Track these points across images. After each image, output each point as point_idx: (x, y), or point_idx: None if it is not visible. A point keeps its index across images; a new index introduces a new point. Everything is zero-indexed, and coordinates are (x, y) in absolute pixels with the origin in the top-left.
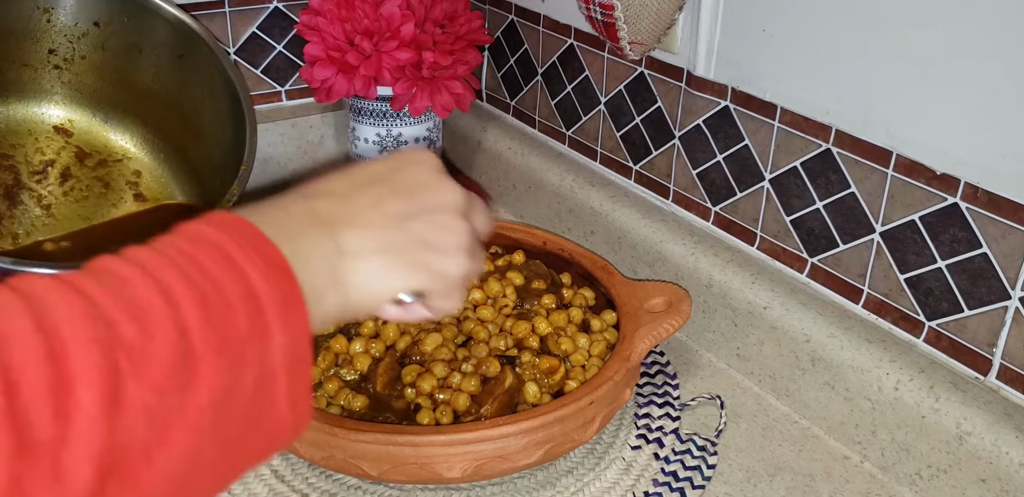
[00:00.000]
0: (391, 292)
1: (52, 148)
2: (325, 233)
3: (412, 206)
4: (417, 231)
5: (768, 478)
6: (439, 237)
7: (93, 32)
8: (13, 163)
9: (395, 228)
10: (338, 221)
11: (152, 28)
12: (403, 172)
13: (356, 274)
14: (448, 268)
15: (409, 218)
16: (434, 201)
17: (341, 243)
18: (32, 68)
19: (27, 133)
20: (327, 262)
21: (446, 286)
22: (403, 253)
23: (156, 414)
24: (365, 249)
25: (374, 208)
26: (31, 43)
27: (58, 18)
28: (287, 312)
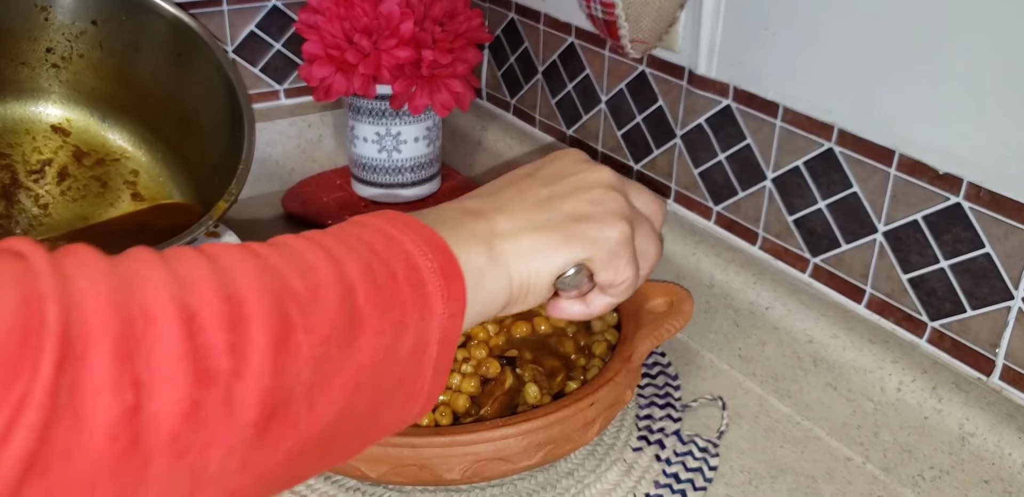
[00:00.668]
0: (552, 268)
1: (49, 147)
2: (477, 219)
3: (558, 189)
4: (566, 209)
5: (770, 479)
6: (591, 208)
7: (91, 31)
8: (10, 162)
9: (544, 209)
10: (488, 211)
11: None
12: (547, 166)
13: (512, 254)
14: (605, 234)
15: (556, 199)
16: (581, 182)
17: (495, 226)
18: (29, 67)
19: (24, 132)
20: (483, 243)
21: (606, 254)
22: (555, 228)
23: (321, 364)
24: (516, 228)
25: (521, 197)
26: (28, 41)
27: (56, 16)
28: (448, 286)
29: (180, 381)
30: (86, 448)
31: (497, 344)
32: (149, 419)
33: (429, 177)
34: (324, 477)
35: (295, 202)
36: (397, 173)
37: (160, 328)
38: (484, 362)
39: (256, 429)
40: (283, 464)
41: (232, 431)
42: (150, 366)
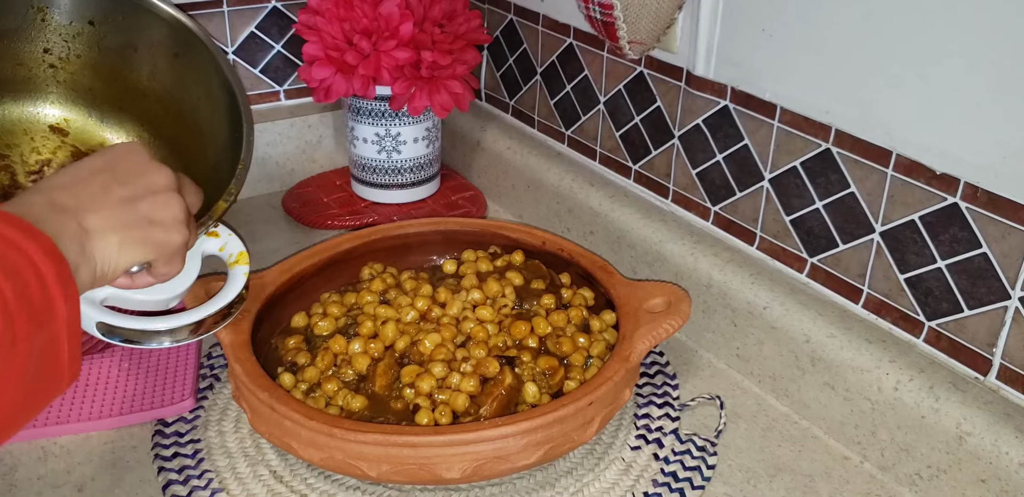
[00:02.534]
0: (126, 264)
1: (48, 147)
2: (70, 217)
3: (135, 189)
4: (143, 210)
5: (768, 478)
6: (162, 213)
7: (88, 31)
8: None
9: (125, 209)
10: (77, 208)
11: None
12: (119, 162)
13: (100, 250)
14: (171, 239)
15: (136, 200)
16: (151, 183)
17: (84, 223)
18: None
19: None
20: (77, 242)
21: (168, 256)
22: (135, 229)
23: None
24: (104, 227)
25: (105, 195)
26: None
27: (52, 17)
28: (65, 288)
29: None
30: None
31: (496, 344)
32: None
33: (429, 178)
34: (325, 476)
35: (295, 202)
36: (397, 174)
37: None
38: (483, 362)
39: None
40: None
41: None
42: None
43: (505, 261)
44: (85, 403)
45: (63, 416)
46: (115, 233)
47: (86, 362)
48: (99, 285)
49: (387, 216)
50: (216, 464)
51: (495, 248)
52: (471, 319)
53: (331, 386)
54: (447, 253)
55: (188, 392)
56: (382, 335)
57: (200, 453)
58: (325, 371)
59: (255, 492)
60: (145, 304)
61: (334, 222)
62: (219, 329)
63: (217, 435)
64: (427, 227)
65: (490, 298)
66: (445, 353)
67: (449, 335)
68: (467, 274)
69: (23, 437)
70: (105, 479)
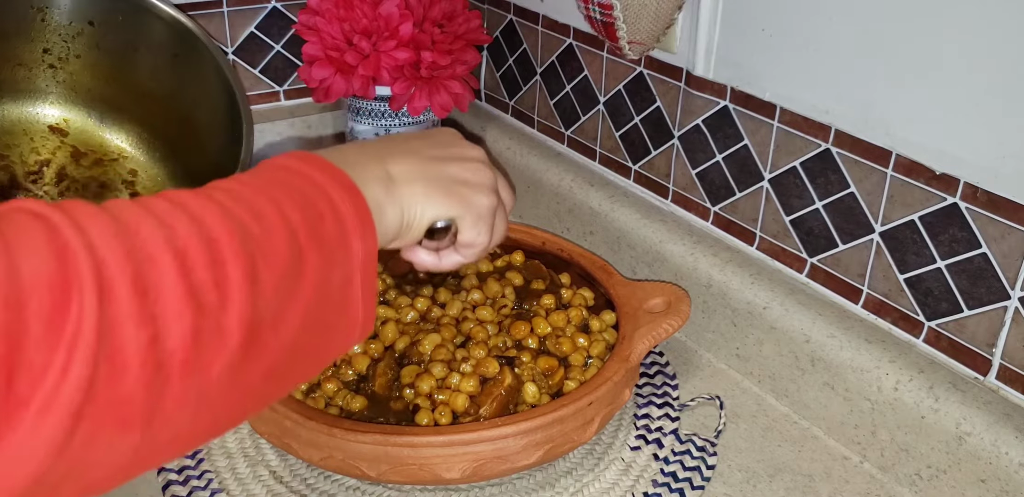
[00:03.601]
0: (432, 215)
1: (47, 148)
2: (376, 163)
3: (445, 153)
4: (452, 171)
5: (767, 478)
6: (471, 176)
7: (88, 31)
8: (8, 163)
9: (433, 166)
10: (386, 155)
11: (147, 27)
12: (434, 135)
13: (406, 195)
14: (478, 200)
15: (443, 160)
16: (464, 153)
17: (391, 170)
18: (26, 67)
19: (22, 133)
20: (382, 184)
21: (475, 216)
22: (442, 183)
23: (281, 294)
24: (410, 176)
25: (415, 152)
26: (25, 42)
27: (52, 17)
28: (362, 224)
29: (186, 315)
30: (124, 372)
31: (496, 344)
32: (166, 347)
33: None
34: (325, 476)
35: None
36: None
37: (163, 270)
38: (483, 361)
39: (240, 350)
40: (261, 380)
41: (224, 353)
42: (159, 302)
43: (505, 261)
44: None
45: None
46: (421, 183)
47: None
48: (406, 236)
49: None
50: (216, 464)
51: (495, 248)
52: (471, 319)
53: (331, 386)
54: None
55: None
56: (382, 335)
57: (200, 453)
58: (325, 371)
59: (255, 492)
60: None
61: None
62: None
63: None
64: None
65: (490, 298)
66: (445, 353)
67: (449, 335)
68: (467, 274)
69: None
70: None
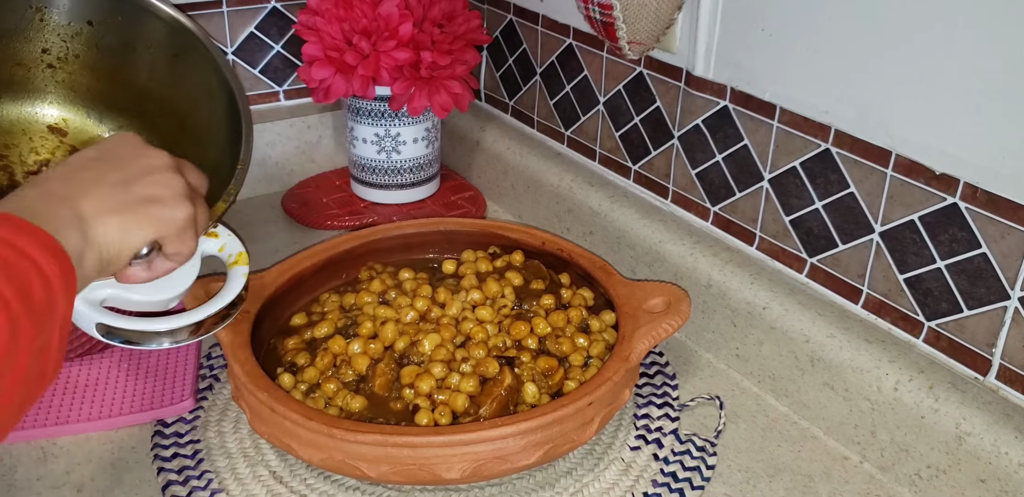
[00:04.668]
0: (132, 247)
1: (47, 148)
2: (64, 205)
3: (129, 173)
4: (140, 191)
5: (767, 479)
6: (159, 191)
7: (87, 31)
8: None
9: (121, 191)
10: (72, 193)
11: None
12: (111, 151)
13: (100, 236)
14: (175, 214)
15: (129, 182)
16: (146, 165)
17: (80, 209)
18: (25, 67)
19: (21, 133)
20: (76, 229)
21: (177, 231)
22: (134, 210)
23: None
24: (101, 211)
25: (98, 181)
26: (24, 42)
27: (51, 17)
28: (66, 283)
29: None
30: None
31: (496, 344)
32: None
33: (428, 178)
34: (324, 477)
35: (294, 203)
36: (396, 174)
37: None
38: (483, 362)
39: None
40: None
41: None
42: None
43: (505, 261)
44: (85, 404)
45: (63, 417)
46: (113, 215)
47: (86, 363)
48: (109, 272)
49: (387, 216)
50: (216, 465)
51: (495, 248)
52: (471, 319)
53: (331, 386)
54: (447, 253)
55: (188, 393)
56: (381, 335)
57: (200, 454)
58: (324, 371)
59: (255, 493)
60: (145, 305)
61: (334, 222)
62: (219, 330)
63: (216, 436)
64: (427, 227)
65: (490, 298)
66: (444, 353)
67: (448, 335)
68: (467, 274)
69: (23, 437)
70: (104, 480)
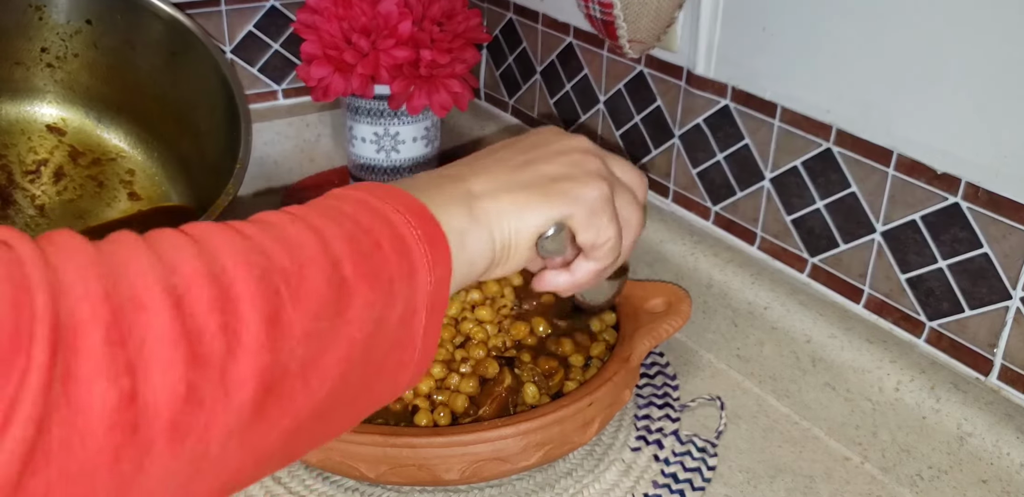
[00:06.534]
0: (533, 227)
1: (45, 147)
2: (454, 183)
3: (536, 154)
4: (544, 170)
5: (768, 479)
6: (569, 170)
7: (86, 30)
8: (6, 162)
9: (522, 172)
10: (466, 174)
11: (145, 26)
12: (526, 138)
13: (493, 213)
14: (584, 192)
15: (534, 162)
16: (560, 147)
17: (472, 188)
18: (24, 66)
19: (20, 132)
20: (462, 204)
21: (587, 211)
22: (534, 187)
23: (313, 339)
24: (494, 189)
25: (499, 162)
26: (23, 41)
27: (50, 16)
28: (432, 252)
29: (176, 365)
30: (85, 437)
31: (496, 344)
32: (147, 405)
33: None
34: (323, 477)
35: (293, 202)
36: (396, 173)
37: (150, 314)
38: (483, 362)
39: (253, 407)
40: (280, 441)
41: (230, 411)
42: (143, 352)
43: None
44: None
45: None
46: (507, 193)
47: None
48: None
49: None
50: None
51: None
52: (470, 319)
53: None
54: None
55: None
56: None
57: None
58: None
59: (253, 494)
60: None
61: None
62: None
63: None
64: None
65: (489, 298)
66: (444, 354)
67: (448, 336)
68: None
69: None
70: None
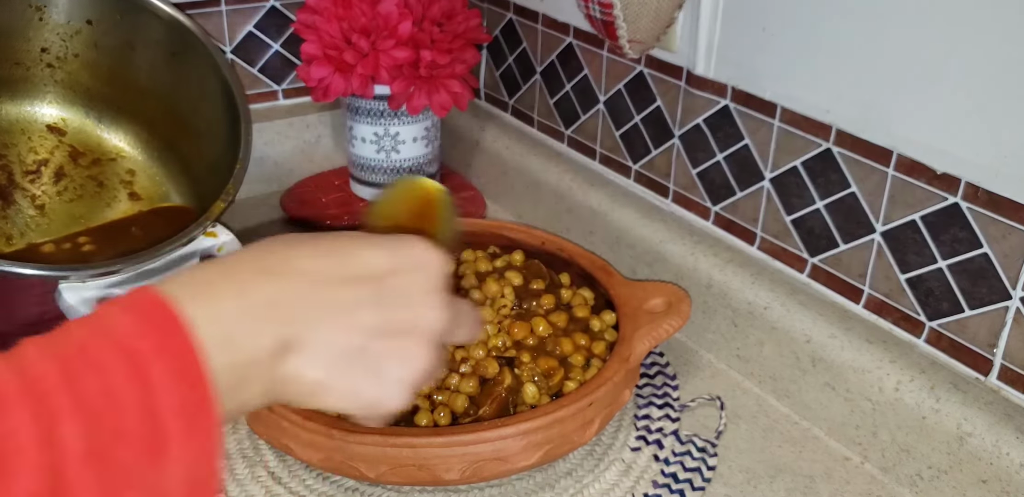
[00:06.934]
0: (319, 407)
1: (45, 147)
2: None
3: (386, 323)
4: (374, 353)
5: (768, 479)
6: (392, 367)
7: (86, 30)
8: (6, 163)
9: (358, 344)
10: (299, 320)
11: (145, 26)
12: (398, 277)
13: (288, 385)
14: (381, 401)
15: (375, 336)
16: (411, 323)
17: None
18: (24, 67)
19: (20, 132)
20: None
21: (370, 414)
22: (347, 376)
23: None
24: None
25: (347, 314)
26: (23, 41)
27: (50, 16)
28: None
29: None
30: None
31: (496, 344)
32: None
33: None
34: (323, 477)
35: (293, 203)
36: (396, 173)
37: None
38: (482, 362)
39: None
40: None
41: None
42: None
43: (504, 261)
44: None
45: None
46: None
47: None
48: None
49: None
50: None
51: (494, 248)
52: None
53: None
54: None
55: None
56: None
57: None
58: None
59: (253, 493)
60: None
61: (333, 222)
62: None
63: None
64: None
65: (489, 298)
66: (444, 353)
67: None
68: (466, 274)
69: None
70: None
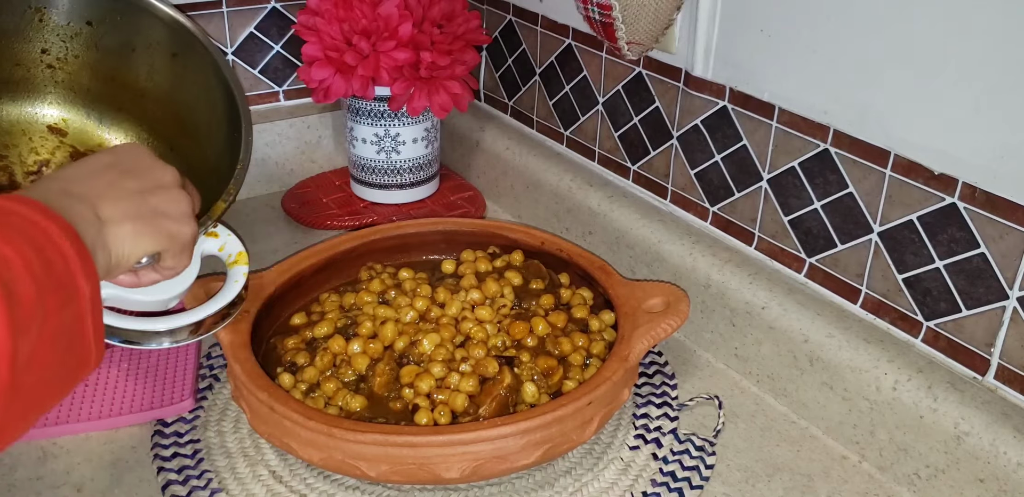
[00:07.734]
0: (141, 252)
1: (46, 148)
2: (85, 205)
3: (143, 183)
4: (152, 203)
5: (766, 478)
6: (172, 206)
7: (86, 31)
8: (7, 163)
9: (138, 200)
10: (91, 196)
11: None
12: (126, 159)
13: (114, 238)
14: (182, 231)
15: (145, 193)
16: (159, 178)
17: (100, 212)
18: (25, 68)
19: (21, 133)
20: (93, 228)
21: (180, 247)
22: (147, 220)
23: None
24: (119, 217)
25: (116, 186)
26: (23, 43)
27: (50, 17)
28: (84, 265)
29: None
30: None
31: (495, 344)
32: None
33: (428, 178)
34: (324, 476)
35: (294, 203)
36: (396, 174)
37: None
38: (482, 361)
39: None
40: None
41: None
42: None
43: (504, 261)
44: (84, 403)
45: (62, 416)
46: (129, 222)
47: None
48: (112, 275)
49: (386, 216)
50: (215, 464)
51: (494, 248)
52: (470, 319)
53: (330, 386)
54: (446, 253)
55: (187, 392)
56: (381, 335)
57: (199, 453)
58: (324, 371)
59: (254, 492)
60: (144, 304)
61: (333, 222)
62: (219, 329)
63: (216, 435)
64: (426, 227)
65: (489, 298)
66: (444, 353)
67: (448, 335)
68: (466, 274)
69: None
70: (104, 479)
